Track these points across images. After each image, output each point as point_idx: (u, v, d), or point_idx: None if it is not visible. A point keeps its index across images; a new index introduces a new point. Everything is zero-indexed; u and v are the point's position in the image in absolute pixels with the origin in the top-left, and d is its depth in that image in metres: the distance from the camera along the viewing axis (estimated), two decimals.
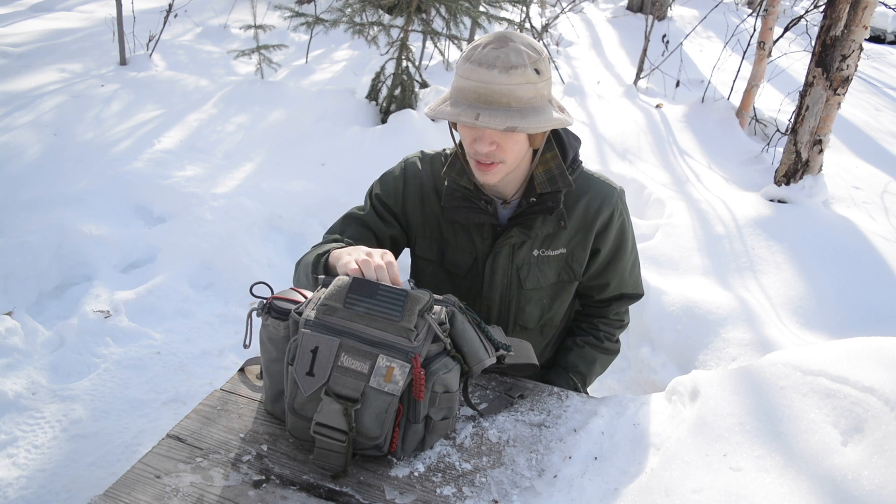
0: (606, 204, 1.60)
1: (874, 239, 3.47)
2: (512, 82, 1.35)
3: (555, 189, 1.52)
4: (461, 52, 1.45)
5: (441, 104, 1.44)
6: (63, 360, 2.60)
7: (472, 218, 1.56)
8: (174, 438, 1.27)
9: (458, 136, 1.55)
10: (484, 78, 1.35)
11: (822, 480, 1.00)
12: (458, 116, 1.36)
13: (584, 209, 1.59)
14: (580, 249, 1.62)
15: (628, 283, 1.73)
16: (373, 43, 5.18)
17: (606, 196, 1.61)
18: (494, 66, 1.35)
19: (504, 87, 1.34)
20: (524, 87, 1.36)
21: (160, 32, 6.18)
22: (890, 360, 1.15)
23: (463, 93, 1.39)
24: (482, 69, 1.35)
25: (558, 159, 1.54)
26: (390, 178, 1.67)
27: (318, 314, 1.22)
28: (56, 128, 4.24)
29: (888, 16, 10.57)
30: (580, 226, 1.60)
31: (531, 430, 1.33)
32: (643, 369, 2.81)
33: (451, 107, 1.40)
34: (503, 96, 1.35)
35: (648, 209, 3.93)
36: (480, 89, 1.36)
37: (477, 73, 1.36)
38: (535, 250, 1.60)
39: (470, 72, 1.37)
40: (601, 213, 1.60)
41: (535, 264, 1.60)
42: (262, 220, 3.62)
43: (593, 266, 1.66)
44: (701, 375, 1.30)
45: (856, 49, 3.69)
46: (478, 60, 1.36)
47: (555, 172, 1.53)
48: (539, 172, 1.54)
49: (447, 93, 1.47)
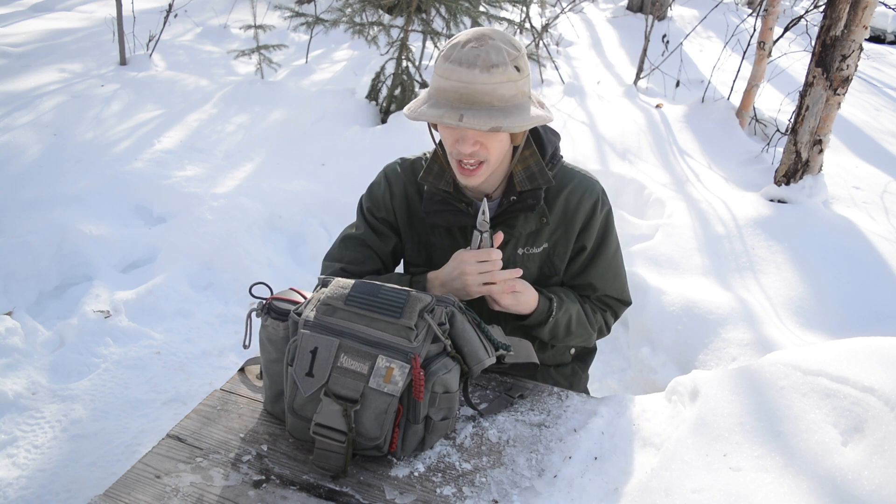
0: (588, 195, 1.59)
1: (874, 239, 3.47)
2: (493, 81, 1.33)
3: (534, 186, 1.52)
4: (440, 52, 1.43)
5: (420, 105, 1.42)
6: (63, 360, 2.60)
7: (453, 221, 1.56)
8: (174, 438, 1.27)
9: (437, 136, 1.55)
10: (465, 78, 1.33)
11: (822, 480, 1.00)
12: (441, 118, 1.34)
13: (564, 202, 1.58)
14: (562, 244, 1.61)
15: (612, 285, 1.68)
16: (373, 43, 5.18)
17: (588, 188, 1.60)
18: (475, 66, 1.33)
19: (486, 86, 1.33)
20: (505, 85, 1.35)
21: (160, 32, 6.18)
22: (890, 360, 1.15)
23: (444, 93, 1.37)
24: (463, 69, 1.33)
25: (537, 156, 1.54)
26: (377, 190, 1.67)
27: (318, 314, 1.22)
28: (56, 128, 4.24)
29: (888, 16, 10.56)
30: (561, 219, 1.59)
31: (531, 430, 1.33)
32: (643, 369, 2.81)
33: (432, 108, 1.37)
34: (485, 95, 1.33)
35: (648, 209, 3.93)
36: (462, 89, 1.34)
37: (457, 73, 1.34)
38: (519, 249, 1.59)
39: (450, 72, 1.35)
40: (582, 205, 1.58)
41: (519, 262, 1.60)
42: (262, 220, 3.62)
43: (576, 263, 1.64)
44: (701, 375, 1.30)
45: (856, 49, 3.69)
46: (458, 60, 1.34)
47: (534, 170, 1.52)
48: (518, 171, 1.53)
49: (424, 93, 1.45)
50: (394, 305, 1.20)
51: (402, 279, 1.57)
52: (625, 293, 1.72)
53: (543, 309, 1.56)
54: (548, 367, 1.74)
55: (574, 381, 1.77)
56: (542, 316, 1.56)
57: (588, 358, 1.85)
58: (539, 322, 1.57)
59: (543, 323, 1.57)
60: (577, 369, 1.79)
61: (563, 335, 1.63)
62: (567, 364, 1.78)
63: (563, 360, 1.76)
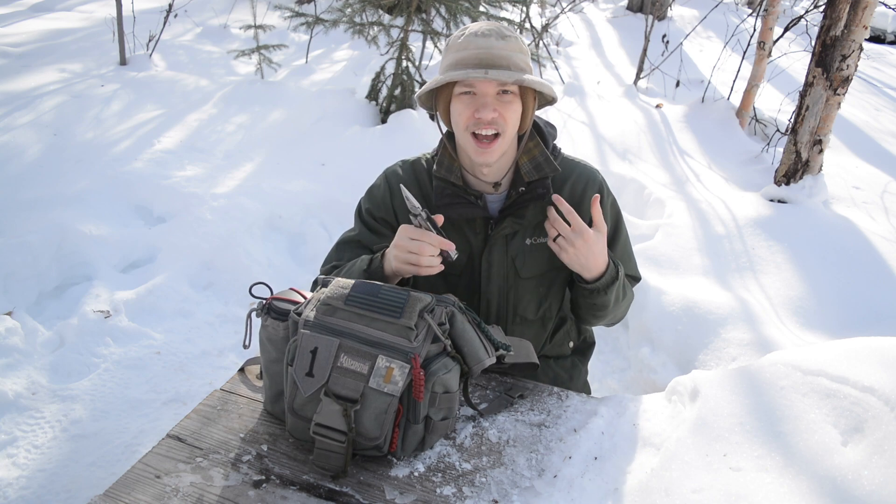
0: (591, 184, 1.63)
1: (874, 239, 3.47)
2: (509, 48, 1.44)
3: (542, 176, 1.55)
4: (447, 44, 1.52)
5: (438, 77, 1.47)
6: (63, 360, 2.60)
7: (464, 213, 1.57)
8: (174, 438, 1.27)
9: (444, 126, 1.59)
10: (482, 45, 1.43)
11: (822, 480, 1.00)
12: (466, 74, 1.41)
13: (570, 192, 1.61)
14: None
15: (629, 265, 1.73)
16: (373, 43, 5.18)
17: (590, 177, 1.65)
18: (490, 36, 1.44)
19: (503, 51, 1.43)
20: (518, 55, 1.45)
21: (160, 32, 6.18)
22: (890, 360, 1.15)
23: (462, 61, 1.44)
24: (480, 38, 1.44)
25: (541, 146, 1.58)
26: (376, 191, 1.68)
27: (317, 314, 1.22)
28: (56, 128, 4.24)
29: (888, 16, 10.56)
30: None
31: (531, 430, 1.33)
32: (643, 369, 2.81)
33: (452, 72, 1.44)
34: (503, 59, 1.43)
35: (648, 209, 3.93)
36: (482, 54, 1.42)
37: (475, 42, 1.44)
38: (527, 239, 1.61)
39: (467, 42, 1.45)
40: (587, 193, 1.62)
41: (528, 253, 1.61)
42: (262, 220, 3.62)
43: None
44: (701, 375, 1.30)
45: (856, 49, 3.69)
46: (473, 33, 1.45)
47: (539, 160, 1.56)
48: (524, 161, 1.57)
49: (436, 77, 1.50)
50: (394, 305, 1.20)
51: (365, 259, 1.52)
52: (636, 270, 1.77)
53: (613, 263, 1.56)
54: (548, 358, 1.74)
55: (574, 373, 1.77)
56: (613, 270, 1.55)
57: (587, 352, 1.86)
58: (612, 277, 1.55)
59: (616, 278, 1.55)
60: (576, 362, 1.80)
61: (622, 294, 1.62)
62: (567, 356, 1.79)
63: (562, 353, 1.77)
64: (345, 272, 1.53)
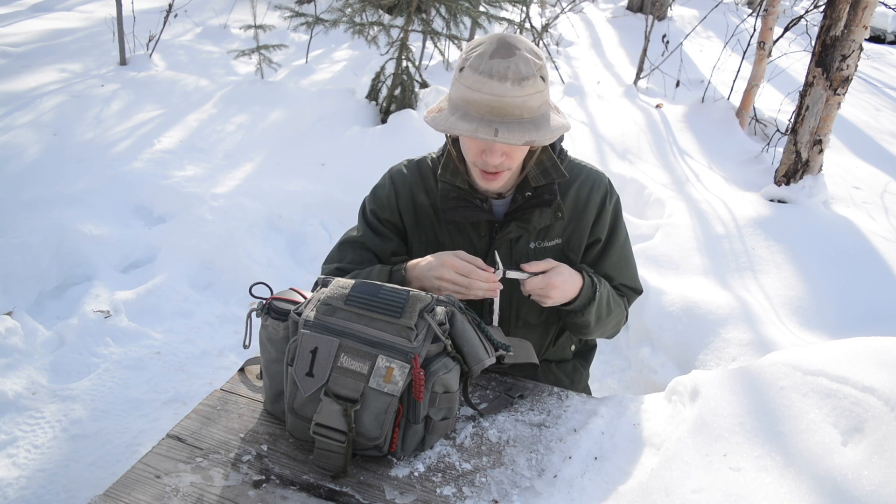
0: (597, 187, 1.63)
1: (874, 239, 3.47)
2: (524, 94, 1.35)
3: (549, 181, 1.55)
4: (462, 55, 1.42)
5: (449, 117, 1.41)
6: (63, 360, 2.60)
7: (469, 216, 1.57)
8: (174, 438, 1.27)
9: (450, 137, 1.56)
10: (496, 91, 1.34)
11: (822, 480, 1.00)
12: (476, 133, 1.35)
13: (575, 195, 1.61)
14: (576, 237, 1.63)
15: (625, 273, 1.71)
16: (373, 43, 5.18)
17: (596, 180, 1.64)
18: (506, 79, 1.33)
19: (517, 99, 1.34)
20: (534, 97, 1.37)
21: (160, 32, 6.18)
22: (890, 360, 1.15)
23: (474, 105, 1.37)
24: (494, 82, 1.34)
25: (549, 151, 1.57)
26: (381, 191, 1.67)
27: (318, 314, 1.22)
28: (56, 128, 4.24)
29: (888, 16, 10.56)
30: (573, 213, 1.61)
31: (531, 430, 1.33)
32: (643, 369, 2.81)
33: (464, 121, 1.37)
34: (517, 109, 1.35)
35: (648, 209, 3.93)
36: (494, 102, 1.34)
37: (488, 86, 1.34)
38: (531, 243, 1.61)
39: (481, 84, 1.35)
40: (592, 197, 1.61)
41: (532, 257, 1.61)
42: (262, 220, 3.62)
43: (591, 255, 1.65)
44: (701, 375, 1.30)
45: (856, 49, 3.69)
46: (488, 72, 1.34)
47: (547, 165, 1.55)
48: (531, 166, 1.56)
49: (447, 102, 1.45)
50: (394, 305, 1.20)
51: (384, 270, 1.56)
52: (637, 281, 1.75)
53: (588, 284, 1.55)
54: (549, 362, 1.74)
55: (575, 377, 1.77)
56: (589, 291, 1.55)
57: (589, 355, 1.86)
58: (588, 299, 1.55)
59: (592, 299, 1.55)
60: (578, 366, 1.80)
61: (605, 312, 1.61)
62: (568, 360, 1.78)
63: (564, 357, 1.77)
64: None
